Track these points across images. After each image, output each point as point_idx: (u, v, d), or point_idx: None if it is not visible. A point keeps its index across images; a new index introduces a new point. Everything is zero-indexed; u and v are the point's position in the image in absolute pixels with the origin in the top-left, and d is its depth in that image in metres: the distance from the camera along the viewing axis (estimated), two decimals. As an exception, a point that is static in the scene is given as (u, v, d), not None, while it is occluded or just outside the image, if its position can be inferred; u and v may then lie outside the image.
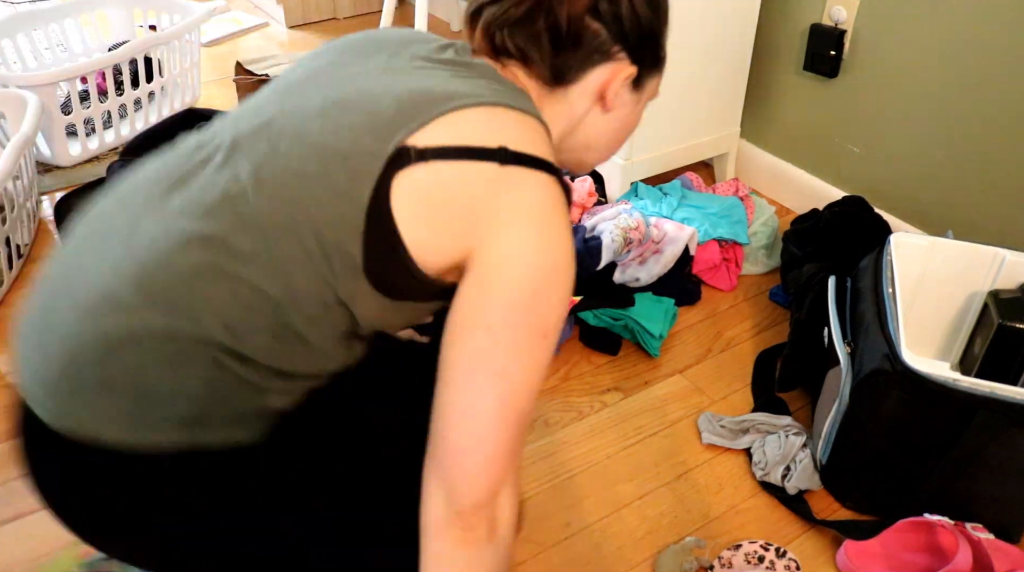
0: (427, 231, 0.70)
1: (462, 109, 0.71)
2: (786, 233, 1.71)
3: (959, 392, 1.09)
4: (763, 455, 1.31)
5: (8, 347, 1.61)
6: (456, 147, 0.70)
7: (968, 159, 1.59)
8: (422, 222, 0.70)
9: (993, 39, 1.48)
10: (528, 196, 0.70)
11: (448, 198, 0.69)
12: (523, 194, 0.70)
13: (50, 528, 1.25)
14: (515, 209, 0.69)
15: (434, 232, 0.70)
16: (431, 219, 0.70)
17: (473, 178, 0.69)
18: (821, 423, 1.28)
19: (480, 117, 0.72)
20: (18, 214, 1.80)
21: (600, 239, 1.62)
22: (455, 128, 0.71)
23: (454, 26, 3.07)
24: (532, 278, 0.69)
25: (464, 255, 0.70)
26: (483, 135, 0.71)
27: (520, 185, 0.70)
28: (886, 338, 1.16)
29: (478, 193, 0.69)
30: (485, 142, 0.70)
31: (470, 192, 0.69)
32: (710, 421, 1.41)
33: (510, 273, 0.69)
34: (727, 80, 1.90)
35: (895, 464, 1.20)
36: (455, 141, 0.70)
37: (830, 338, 1.29)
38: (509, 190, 0.70)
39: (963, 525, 1.15)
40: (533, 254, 0.69)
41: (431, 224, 0.70)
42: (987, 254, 1.35)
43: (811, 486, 1.27)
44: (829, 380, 1.28)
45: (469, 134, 0.71)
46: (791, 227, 1.71)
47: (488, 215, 0.69)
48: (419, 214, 0.69)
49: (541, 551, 1.21)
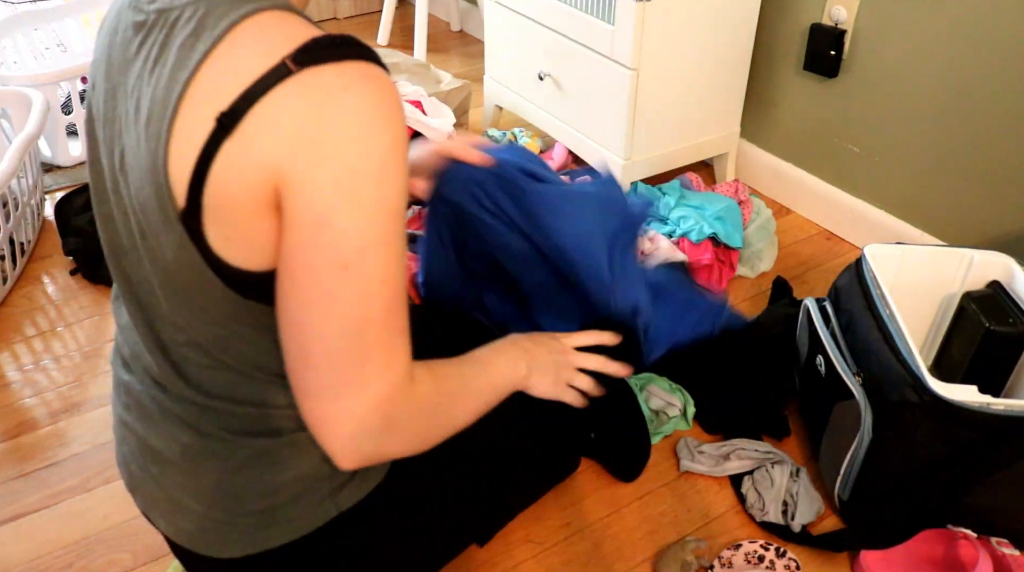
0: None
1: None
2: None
3: (994, 416, 1.06)
4: (756, 496, 1.26)
5: (11, 347, 1.61)
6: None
7: (968, 159, 1.59)
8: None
9: (993, 39, 1.48)
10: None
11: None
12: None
13: (50, 528, 1.25)
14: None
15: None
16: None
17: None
18: (836, 459, 1.21)
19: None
20: (22, 212, 1.80)
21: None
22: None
23: (454, 26, 3.07)
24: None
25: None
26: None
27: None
28: (903, 365, 1.11)
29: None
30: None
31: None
32: (688, 448, 1.35)
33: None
34: (727, 80, 1.90)
35: (924, 491, 1.15)
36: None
37: (828, 367, 1.24)
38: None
39: (987, 539, 1.14)
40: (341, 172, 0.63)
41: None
42: (956, 255, 1.33)
43: (812, 519, 1.23)
44: (839, 414, 1.22)
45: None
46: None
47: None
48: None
49: (541, 551, 1.21)
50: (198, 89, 0.62)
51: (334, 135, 0.61)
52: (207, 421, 0.77)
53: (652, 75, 1.74)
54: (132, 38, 0.69)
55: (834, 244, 1.89)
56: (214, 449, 0.78)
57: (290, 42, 0.62)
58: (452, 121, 1.97)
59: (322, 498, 0.80)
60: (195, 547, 0.82)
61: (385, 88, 0.64)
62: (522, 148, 1.16)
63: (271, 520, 0.79)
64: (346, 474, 0.81)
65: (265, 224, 0.64)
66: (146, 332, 0.78)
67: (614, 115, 1.80)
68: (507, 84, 2.16)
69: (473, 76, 2.59)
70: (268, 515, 0.79)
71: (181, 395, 0.78)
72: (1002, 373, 1.27)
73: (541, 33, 1.93)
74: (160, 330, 0.77)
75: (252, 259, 0.67)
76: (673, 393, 1.42)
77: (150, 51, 0.66)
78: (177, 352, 0.77)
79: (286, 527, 0.80)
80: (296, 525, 0.80)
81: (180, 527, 0.82)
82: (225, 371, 0.75)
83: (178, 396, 0.78)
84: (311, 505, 0.80)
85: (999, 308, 1.25)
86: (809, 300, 1.35)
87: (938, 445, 1.10)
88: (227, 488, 0.78)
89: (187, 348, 0.75)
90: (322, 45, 0.62)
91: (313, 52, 0.61)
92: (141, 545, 1.22)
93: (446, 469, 0.93)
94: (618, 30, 1.69)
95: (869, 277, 1.25)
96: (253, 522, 0.79)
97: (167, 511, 0.83)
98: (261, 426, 0.77)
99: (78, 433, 1.41)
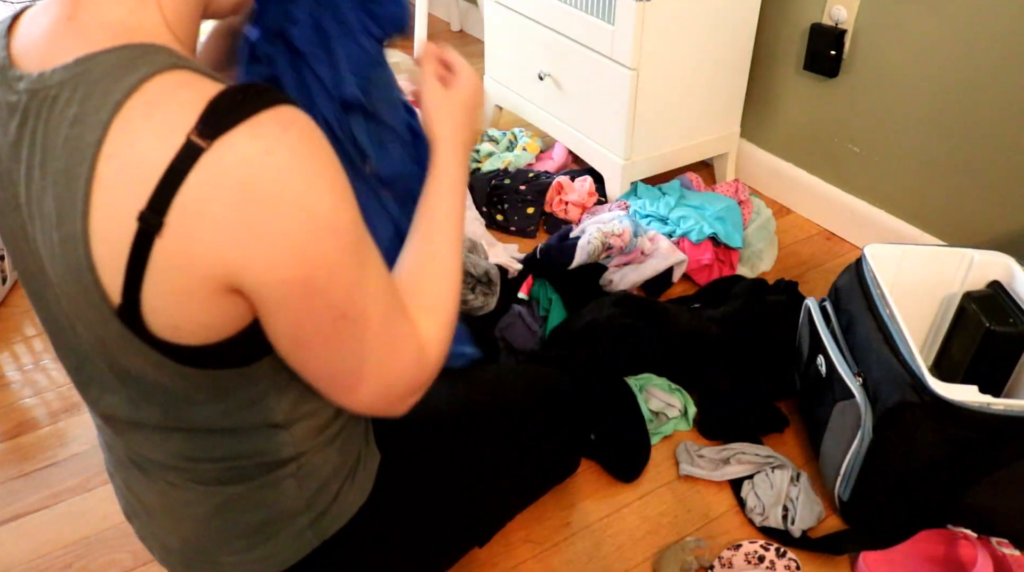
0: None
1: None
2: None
3: (995, 416, 1.06)
4: (756, 499, 1.26)
5: (10, 347, 1.61)
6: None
7: (968, 159, 1.59)
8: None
9: (993, 39, 1.48)
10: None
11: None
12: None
13: (50, 528, 1.25)
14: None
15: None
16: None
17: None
18: (836, 459, 1.22)
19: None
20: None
21: (579, 238, 1.63)
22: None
23: (454, 26, 3.07)
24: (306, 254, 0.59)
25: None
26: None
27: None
28: (903, 365, 1.11)
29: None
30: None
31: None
32: (688, 452, 1.34)
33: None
34: (727, 80, 1.90)
35: (924, 491, 1.15)
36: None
37: (829, 367, 1.24)
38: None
39: (987, 539, 1.14)
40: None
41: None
42: (956, 255, 1.33)
43: (813, 524, 1.23)
44: (839, 414, 1.22)
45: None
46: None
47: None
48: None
49: (541, 551, 1.21)
50: (104, 187, 0.56)
51: (273, 209, 0.56)
52: (174, 475, 0.77)
53: (652, 75, 1.74)
54: (8, 119, 0.61)
55: (834, 244, 1.89)
56: (187, 499, 0.77)
57: (189, 112, 0.55)
58: (452, 121, 1.96)
59: (302, 530, 0.80)
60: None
61: (304, 130, 0.58)
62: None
63: (253, 557, 0.79)
64: (325, 503, 0.81)
65: (221, 307, 0.60)
66: (96, 397, 0.75)
67: (614, 115, 1.80)
68: (507, 84, 2.16)
69: (473, 76, 2.59)
70: (249, 552, 0.79)
71: (143, 456, 0.77)
72: (1002, 373, 1.27)
73: (541, 33, 1.93)
74: (109, 401, 0.74)
75: (206, 337, 0.63)
76: (673, 394, 1.42)
77: (33, 139, 0.59)
78: (128, 424, 0.75)
79: (268, 562, 0.80)
80: (279, 559, 0.80)
81: (170, 562, 0.84)
82: (181, 432, 0.73)
83: (143, 454, 0.77)
84: (291, 539, 0.80)
85: (999, 308, 1.25)
86: (809, 300, 1.35)
87: (938, 445, 1.10)
88: (206, 533, 0.79)
89: (134, 426, 0.74)
90: (224, 105, 0.56)
91: (218, 117, 0.55)
92: (141, 546, 1.22)
93: (441, 476, 0.93)
94: (618, 30, 1.69)
95: (869, 277, 1.25)
96: (236, 560, 0.80)
97: (156, 547, 0.84)
98: (227, 476, 0.76)
99: (78, 433, 1.41)
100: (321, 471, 0.79)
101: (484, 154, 2.11)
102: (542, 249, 1.67)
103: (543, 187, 1.92)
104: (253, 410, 0.72)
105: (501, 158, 2.07)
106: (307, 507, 0.79)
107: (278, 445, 0.75)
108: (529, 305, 1.58)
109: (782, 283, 1.64)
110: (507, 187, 1.92)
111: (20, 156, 0.61)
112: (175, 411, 0.70)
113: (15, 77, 0.60)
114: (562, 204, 1.90)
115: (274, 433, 0.74)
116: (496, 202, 1.92)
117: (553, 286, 1.60)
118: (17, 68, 0.61)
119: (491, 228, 1.92)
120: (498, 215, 1.92)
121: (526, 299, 1.59)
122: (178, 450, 0.74)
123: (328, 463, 0.80)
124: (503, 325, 1.51)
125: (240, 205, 0.55)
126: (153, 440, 0.74)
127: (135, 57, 0.58)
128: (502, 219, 1.91)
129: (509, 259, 1.64)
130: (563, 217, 1.89)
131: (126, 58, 0.57)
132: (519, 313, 1.53)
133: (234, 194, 0.55)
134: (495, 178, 1.95)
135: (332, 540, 0.82)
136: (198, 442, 0.73)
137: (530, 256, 1.68)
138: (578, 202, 1.88)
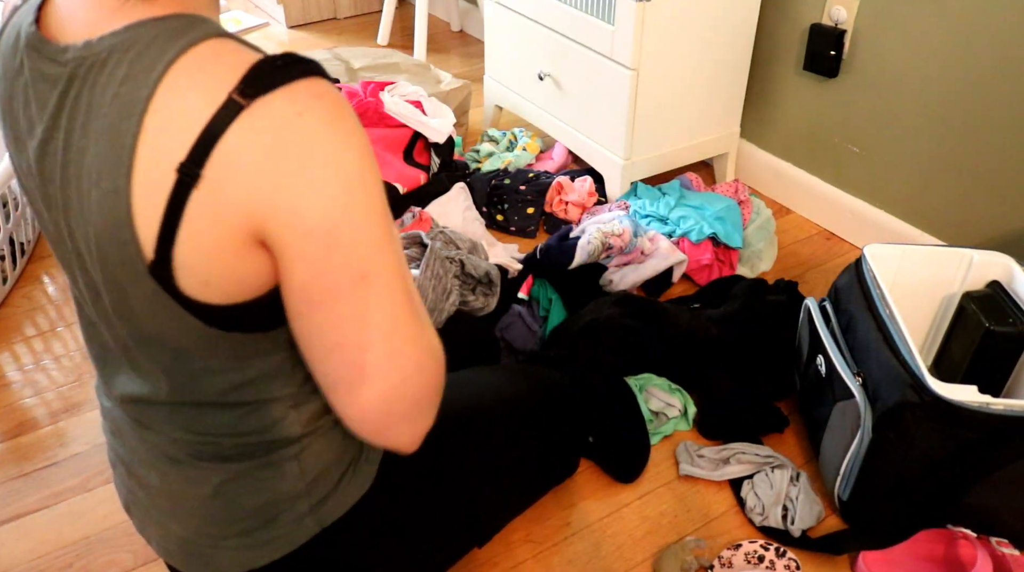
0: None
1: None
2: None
3: (994, 416, 1.06)
4: (756, 499, 1.26)
5: (10, 347, 1.61)
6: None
7: (968, 159, 1.59)
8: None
9: (993, 39, 1.48)
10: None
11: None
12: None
13: (50, 528, 1.25)
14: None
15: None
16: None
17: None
18: (835, 459, 1.22)
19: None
20: (22, 212, 1.80)
21: (579, 238, 1.63)
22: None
23: (454, 26, 3.07)
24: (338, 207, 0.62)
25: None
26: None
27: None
28: (903, 365, 1.11)
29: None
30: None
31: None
32: (688, 452, 1.34)
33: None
34: (727, 80, 1.90)
35: (924, 491, 1.14)
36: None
37: (829, 367, 1.24)
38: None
39: (987, 539, 1.14)
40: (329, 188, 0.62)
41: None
42: (956, 255, 1.33)
43: (812, 523, 1.23)
44: (838, 414, 1.22)
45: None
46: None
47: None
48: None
49: (541, 551, 1.21)
50: (148, 140, 0.59)
51: (306, 159, 0.60)
52: (177, 449, 0.77)
53: (652, 75, 1.74)
54: (49, 92, 0.64)
55: (834, 244, 1.89)
56: (188, 476, 0.78)
57: (232, 74, 0.59)
58: (452, 121, 1.97)
59: (301, 516, 0.80)
60: (185, 568, 0.83)
61: (336, 102, 0.63)
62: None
63: (253, 542, 0.80)
64: (325, 489, 0.81)
65: (249, 262, 0.63)
66: (112, 373, 0.78)
67: (614, 115, 1.80)
68: (507, 84, 2.16)
69: (473, 76, 2.59)
70: (248, 537, 0.79)
71: (152, 427, 0.78)
72: (1002, 373, 1.27)
73: (541, 33, 1.93)
74: (123, 381, 0.77)
75: (233, 295, 0.65)
76: (672, 394, 1.42)
77: (76, 104, 0.63)
78: (140, 402, 0.77)
79: (268, 548, 0.80)
80: (278, 544, 0.80)
81: (169, 549, 0.84)
82: (189, 407, 0.75)
83: (150, 427, 0.79)
84: (291, 524, 0.80)
85: (999, 308, 1.25)
86: (809, 300, 1.35)
87: (938, 445, 1.10)
88: (206, 514, 0.79)
89: (146, 403, 0.76)
90: (265, 70, 0.60)
91: (258, 80, 0.59)
92: (141, 545, 1.22)
93: (441, 475, 0.93)
94: (618, 30, 1.69)
95: (869, 277, 1.25)
96: (236, 544, 0.80)
97: (156, 534, 0.84)
98: (230, 452, 0.77)
99: (78, 433, 1.41)
100: (324, 456, 0.80)
101: (484, 154, 2.11)
102: (542, 249, 1.67)
103: (543, 187, 1.92)
104: (267, 382, 0.74)
105: (501, 158, 2.07)
106: (307, 492, 0.80)
107: (285, 423, 0.76)
108: (529, 305, 1.58)
109: (782, 283, 1.63)
110: (507, 187, 1.92)
111: (59, 125, 0.64)
112: (191, 383, 0.72)
113: (58, 49, 0.63)
114: (562, 204, 1.90)
115: (283, 410, 0.76)
116: (496, 202, 1.92)
117: (553, 286, 1.60)
118: (56, 41, 0.64)
119: (491, 228, 1.92)
120: (498, 215, 1.92)
121: (526, 299, 1.59)
122: (186, 424, 0.75)
123: (331, 449, 0.80)
124: (503, 325, 1.52)
125: (274, 155, 0.59)
126: (162, 414, 0.76)
127: (185, 25, 0.62)
128: (502, 219, 1.91)
129: (509, 259, 1.64)
130: (563, 217, 1.89)
131: (176, 26, 0.62)
132: (519, 313, 1.53)
133: (269, 146, 0.59)
134: (495, 178, 1.95)
135: (331, 530, 0.82)
136: (207, 416, 0.75)
137: (530, 256, 1.68)
138: (578, 202, 1.88)
